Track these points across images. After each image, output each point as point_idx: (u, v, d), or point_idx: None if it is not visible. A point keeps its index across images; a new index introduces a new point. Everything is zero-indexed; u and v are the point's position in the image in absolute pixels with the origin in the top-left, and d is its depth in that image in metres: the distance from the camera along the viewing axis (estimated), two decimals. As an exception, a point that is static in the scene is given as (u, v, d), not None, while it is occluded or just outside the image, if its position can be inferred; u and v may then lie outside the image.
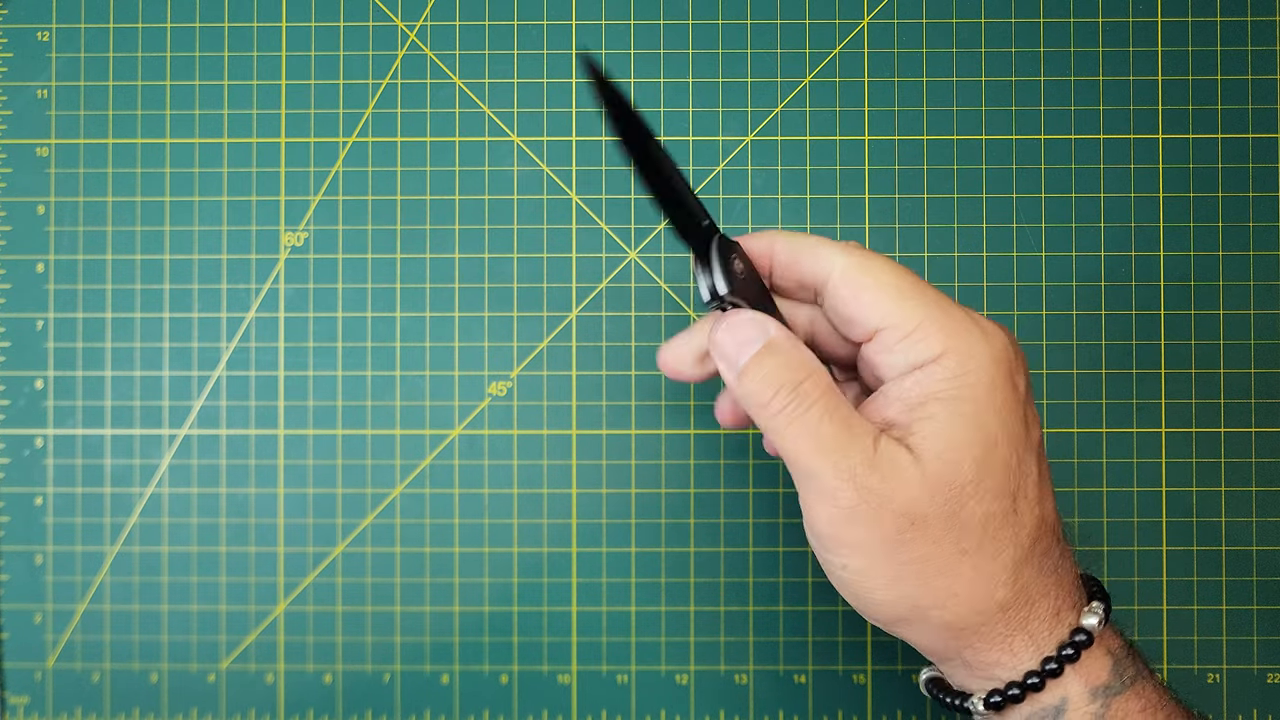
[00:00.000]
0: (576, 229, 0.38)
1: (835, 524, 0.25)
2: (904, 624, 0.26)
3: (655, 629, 0.38)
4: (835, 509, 0.25)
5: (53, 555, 0.38)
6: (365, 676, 0.38)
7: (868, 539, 0.25)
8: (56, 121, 0.39)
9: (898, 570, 0.25)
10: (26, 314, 0.39)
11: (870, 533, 0.25)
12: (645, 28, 0.39)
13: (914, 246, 0.38)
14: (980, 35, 0.38)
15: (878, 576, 0.25)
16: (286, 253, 0.39)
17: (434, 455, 0.38)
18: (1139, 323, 0.38)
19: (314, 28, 0.39)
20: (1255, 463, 0.38)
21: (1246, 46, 0.38)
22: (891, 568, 0.25)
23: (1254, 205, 0.38)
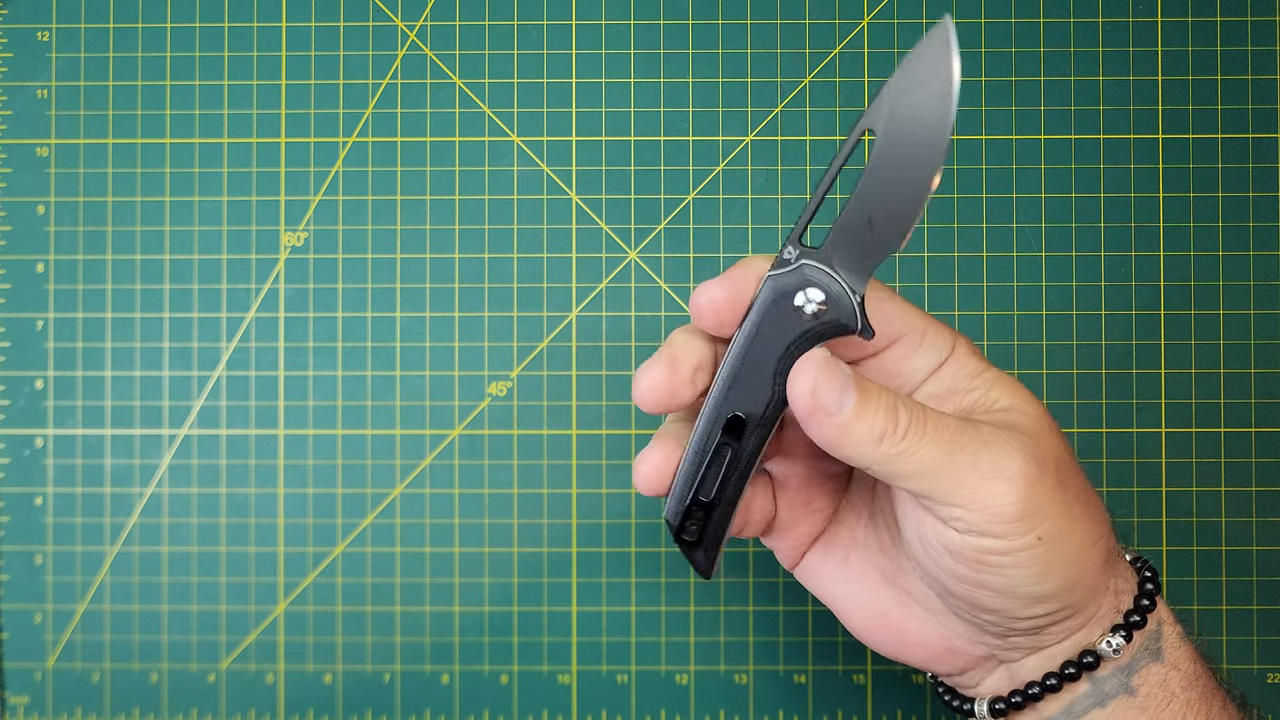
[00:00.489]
0: (576, 229, 0.38)
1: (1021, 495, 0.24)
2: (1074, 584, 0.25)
3: (655, 629, 0.38)
4: (1004, 482, 0.24)
5: (53, 555, 0.38)
6: (365, 676, 0.38)
7: (1051, 491, 0.24)
8: (56, 121, 0.39)
9: (1079, 511, 0.25)
10: (26, 314, 0.39)
11: (1049, 483, 0.24)
12: (645, 28, 0.39)
13: (914, 246, 0.38)
14: (980, 35, 0.38)
15: (1071, 527, 0.24)
16: (286, 253, 0.39)
17: (434, 455, 0.38)
18: (1139, 323, 0.38)
19: (314, 28, 0.39)
20: (1255, 462, 0.38)
21: (1246, 46, 0.38)
22: (1074, 510, 0.24)
23: (1254, 205, 0.38)
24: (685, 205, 0.38)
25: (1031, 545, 0.24)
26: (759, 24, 0.38)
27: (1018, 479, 0.24)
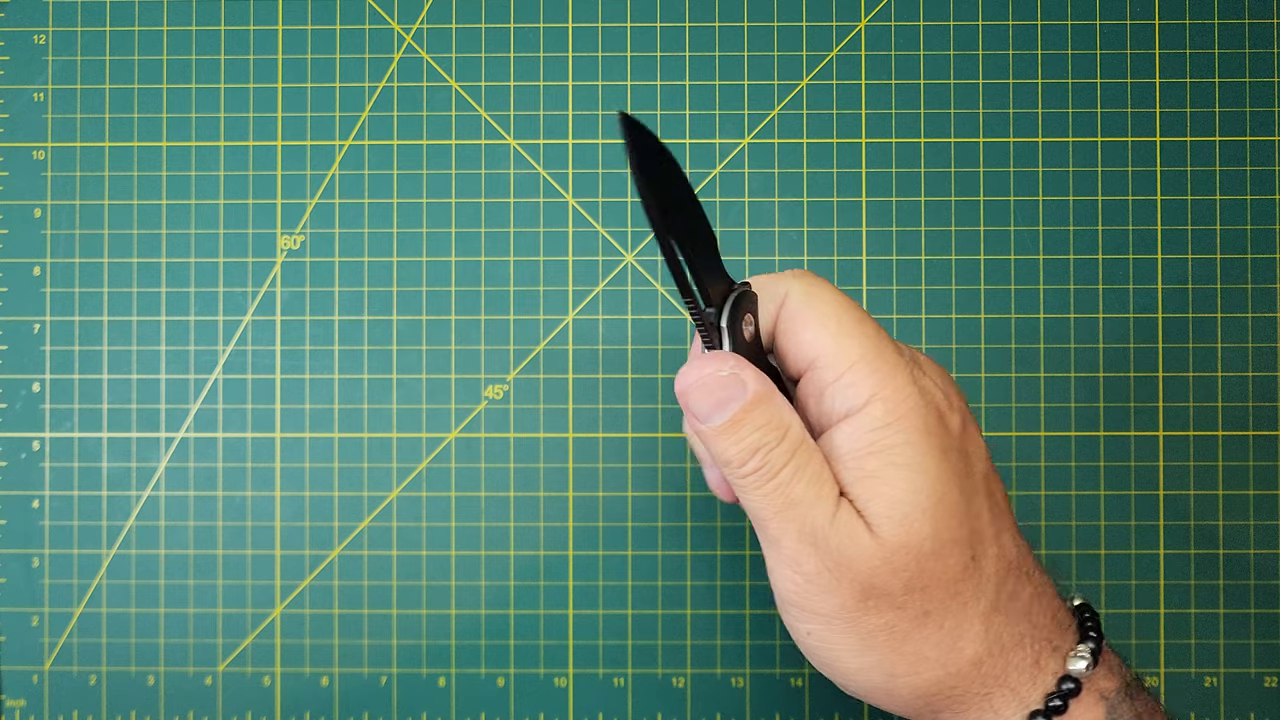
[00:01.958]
0: (573, 232, 0.38)
1: (799, 591, 0.24)
2: (879, 693, 0.25)
3: (652, 632, 0.38)
4: (798, 575, 0.24)
5: (50, 558, 0.38)
6: (362, 679, 0.38)
7: (831, 607, 0.24)
8: (53, 125, 0.39)
9: (864, 639, 0.24)
10: (23, 317, 0.39)
11: (833, 600, 0.24)
12: (642, 30, 0.38)
13: (911, 249, 0.38)
14: (977, 38, 0.38)
15: (844, 644, 0.24)
16: (283, 256, 0.39)
17: (430, 458, 0.38)
18: (1136, 326, 0.38)
19: (310, 31, 0.39)
20: (1253, 465, 0.38)
21: (1244, 49, 0.38)
22: (857, 636, 0.24)
23: (1251, 208, 0.38)
24: (682, 208, 0.38)
25: (803, 638, 0.25)
26: (755, 26, 0.38)
27: (800, 580, 0.24)
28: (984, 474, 0.25)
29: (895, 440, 0.24)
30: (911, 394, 0.24)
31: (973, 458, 0.25)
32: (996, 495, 0.25)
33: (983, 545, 0.24)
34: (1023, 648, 0.24)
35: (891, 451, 0.24)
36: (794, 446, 0.24)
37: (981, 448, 0.25)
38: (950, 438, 0.24)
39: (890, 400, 0.24)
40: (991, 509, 0.25)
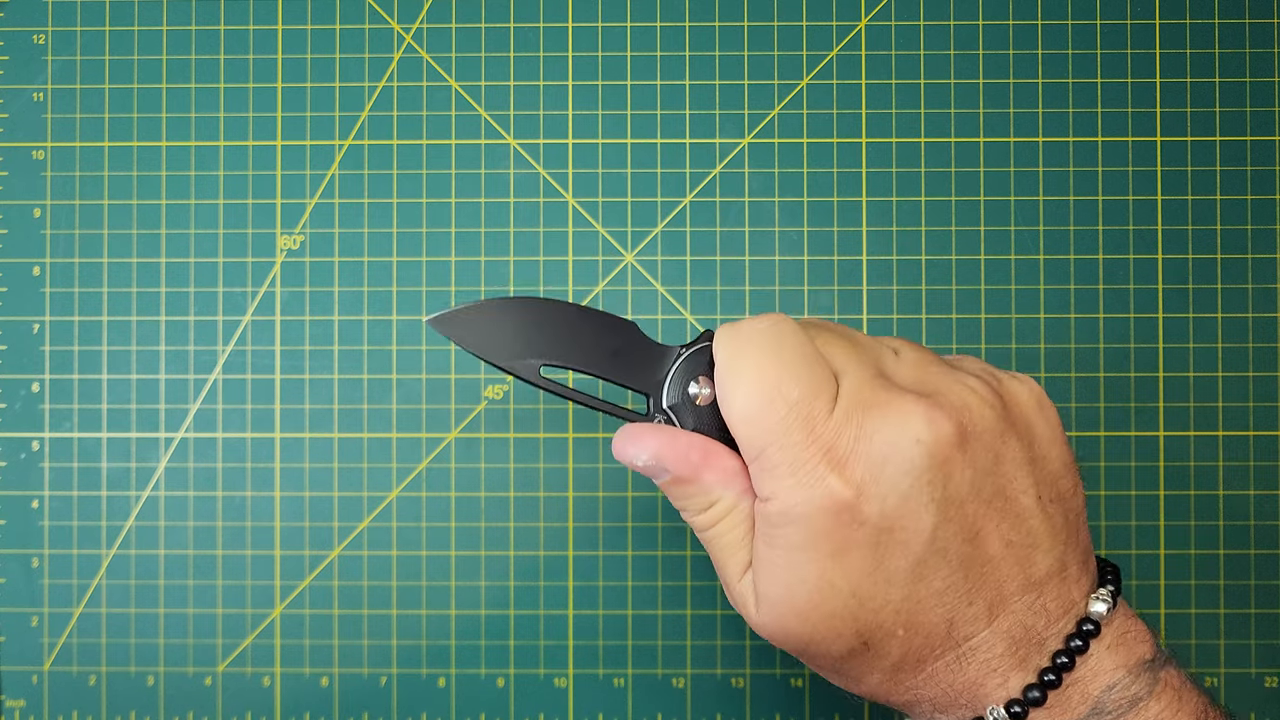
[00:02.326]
0: (573, 232, 0.38)
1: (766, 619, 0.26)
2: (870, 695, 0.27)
3: (652, 632, 0.38)
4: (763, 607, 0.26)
5: (49, 558, 0.38)
6: (362, 680, 0.38)
7: None
8: (52, 125, 0.39)
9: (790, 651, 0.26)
10: (23, 317, 0.39)
11: None
12: (641, 30, 0.38)
13: (911, 249, 0.38)
14: (978, 37, 0.38)
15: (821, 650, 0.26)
16: (283, 256, 0.39)
17: (430, 458, 0.38)
18: (1136, 326, 0.38)
19: (310, 30, 0.39)
20: (1253, 466, 0.38)
21: (1245, 49, 0.38)
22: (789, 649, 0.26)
23: (1252, 208, 0.38)
24: (682, 208, 0.38)
25: None
26: (755, 26, 0.38)
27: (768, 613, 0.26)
28: (917, 559, 0.24)
29: (784, 540, 0.24)
30: (804, 499, 0.23)
31: (902, 546, 0.24)
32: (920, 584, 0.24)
33: (880, 633, 0.24)
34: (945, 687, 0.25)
35: (778, 551, 0.24)
36: (714, 520, 0.26)
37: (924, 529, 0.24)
38: (857, 536, 0.23)
39: (782, 503, 0.24)
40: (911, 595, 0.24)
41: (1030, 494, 0.25)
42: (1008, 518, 0.24)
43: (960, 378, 0.25)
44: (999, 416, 0.25)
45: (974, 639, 0.24)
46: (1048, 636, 0.25)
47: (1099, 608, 0.25)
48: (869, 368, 0.25)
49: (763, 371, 0.24)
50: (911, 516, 0.23)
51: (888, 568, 0.24)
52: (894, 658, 0.25)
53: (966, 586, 0.24)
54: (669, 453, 0.26)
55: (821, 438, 0.24)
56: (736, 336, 0.25)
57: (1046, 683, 0.24)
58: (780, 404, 0.24)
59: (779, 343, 0.25)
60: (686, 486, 0.26)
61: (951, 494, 0.24)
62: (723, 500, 0.26)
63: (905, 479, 0.23)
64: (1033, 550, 0.25)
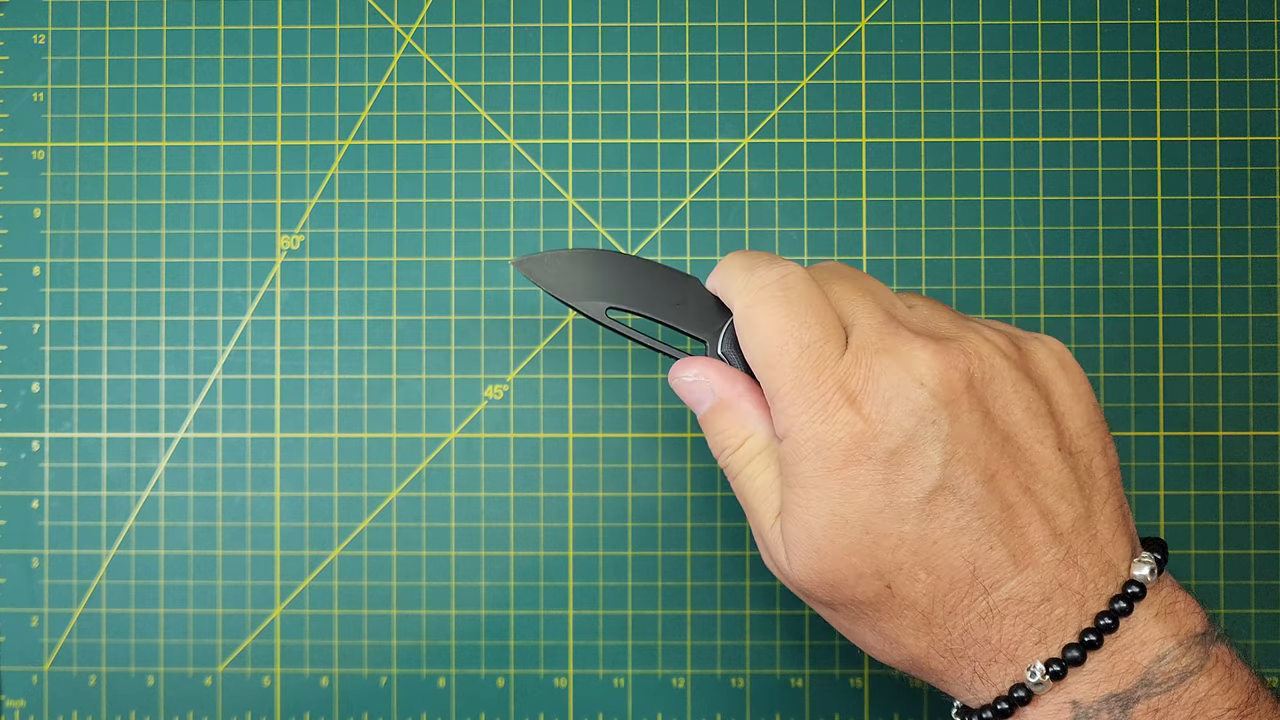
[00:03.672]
0: (573, 232, 0.38)
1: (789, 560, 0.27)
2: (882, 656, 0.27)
3: (652, 632, 0.38)
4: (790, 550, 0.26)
5: (49, 558, 0.38)
6: (361, 680, 0.38)
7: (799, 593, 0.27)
8: (52, 125, 0.39)
9: (827, 619, 0.27)
10: (23, 317, 0.39)
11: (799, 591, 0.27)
12: (641, 30, 0.38)
13: (911, 249, 0.38)
14: (978, 37, 0.38)
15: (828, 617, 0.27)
16: (283, 256, 0.39)
17: (430, 458, 0.38)
18: (1137, 326, 0.38)
19: (310, 30, 0.39)
20: (1253, 466, 0.38)
21: (1245, 49, 0.38)
22: (826, 612, 0.27)
23: (1252, 208, 0.38)
24: (682, 208, 0.38)
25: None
26: (756, 26, 0.38)
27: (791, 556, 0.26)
28: (926, 494, 0.24)
29: (799, 478, 0.25)
30: (815, 434, 0.25)
31: (910, 481, 0.24)
32: (947, 513, 0.24)
33: (901, 573, 0.24)
34: (966, 661, 0.25)
35: (796, 491, 0.25)
36: (750, 456, 0.27)
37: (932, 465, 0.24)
38: (865, 471, 0.24)
39: (795, 439, 0.25)
40: (926, 534, 0.24)
41: (1049, 443, 0.25)
42: (1023, 465, 0.24)
43: (975, 327, 0.26)
44: (1012, 365, 0.25)
45: (1002, 588, 0.24)
46: (1087, 596, 0.24)
47: (1142, 570, 0.24)
48: (880, 314, 0.26)
49: (775, 319, 0.26)
50: (917, 453, 0.24)
51: (897, 503, 0.24)
52: (922, 605, 0.25)
53: (984, 527, 0.24)
54: (716, 375, 0.28)
55: (833, 376, 0.25)
56: (750, 288, 0.26)
57: (1086, 643, 0.24)
58: (793, 347, 0.25)
59: (789, 293, 0.26)
60: (727, 413, 0.27)
61: (960, 434, 0.24)
62: (757, 434, 0.27)
63: (910, 419, 0.24)
64: (1055, 500, 0.25)
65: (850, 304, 0.26)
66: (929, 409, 0.24)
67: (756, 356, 0.26)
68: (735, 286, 0.27)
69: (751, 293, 0.26)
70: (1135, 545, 0.26)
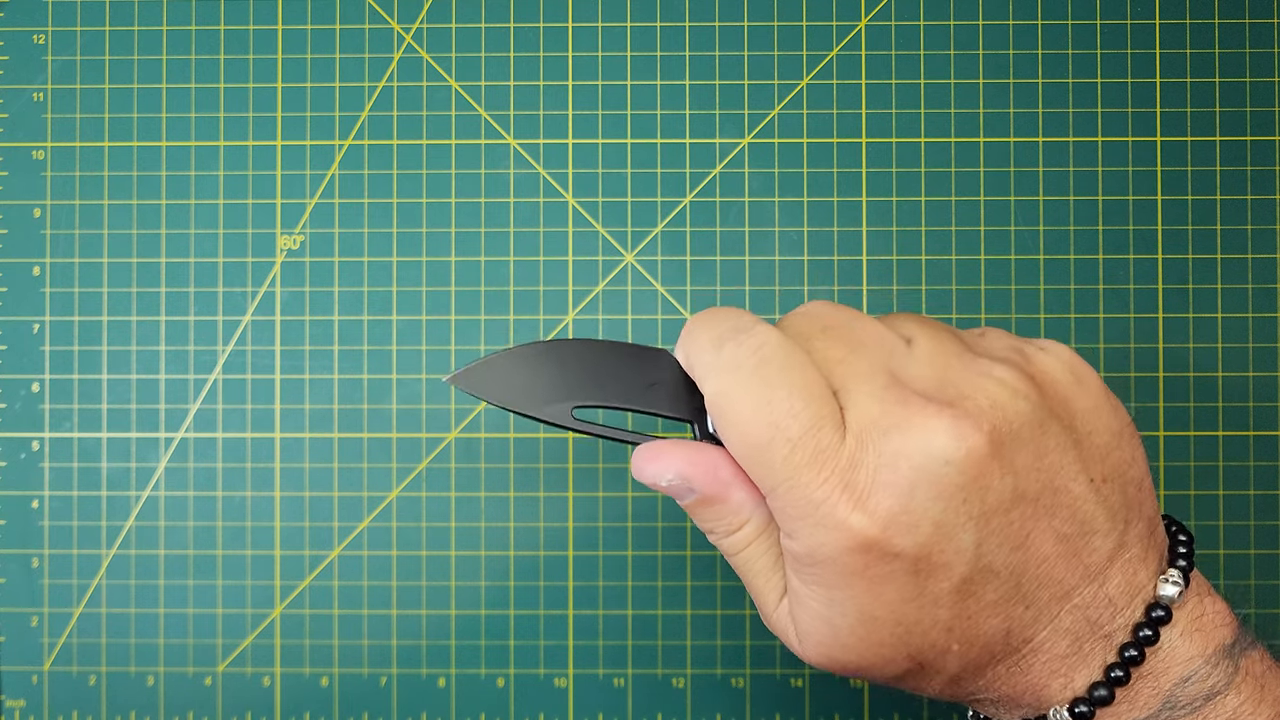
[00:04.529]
0: (573, 232, 0.38)
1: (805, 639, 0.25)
2: None
3: (652, 632, 0.38)
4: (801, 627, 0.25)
5: (49, 558, 0.38)
6: (361, 679, 0.38)
7: None
8: (52, 125, 0.39)
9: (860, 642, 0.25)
10: (23, 317, 0.39)
11: None
12: (641, 30, 0.38)
13: (911, 249, 0.38)
14: (978, 37, 0.38)
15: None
16: (283, 256, 0.39)
17: (430, 458, 0.38)
18: (1137, 326, 0.38)
19: (310, 30, 0.39)
20: (1253, 466, 0.38)
21: (1245, 49, 0.38)
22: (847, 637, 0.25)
23: (1252, 208, 0.38)
24: (682, 208, 0.38)
25: None
26: (755, 26, 0.38)
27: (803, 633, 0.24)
28: (962, 579, 0.22)
29: (815, 579, 0.22)
30: (826, 542, 0.22)
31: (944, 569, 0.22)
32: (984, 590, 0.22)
33: (934, 651, 0.23)
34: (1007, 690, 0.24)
35: (812, 589, 0.23)
36: (746, 541, 0.24)
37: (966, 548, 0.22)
38: (891, 569, 0.22)
39: (804, 544, 0.22)
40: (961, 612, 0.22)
41: (1080, 479, 0.22)
42: (1059, 512, 0.22)
43: (985, 368, 0.23)
44: (1035, 406, 0.22)
45: (1034, 640, 0.23)
46: (1114, 630, 0.23)
47: (1168, 591, 0.23)
48: (878, 377, 0.22)
49: (755, 411, 0.22)
50: (949, 540, 0.21)
51: (931, 592, 0.22)
52: (951, 671, 0.23)
53: (1020, 594, 0.22)
54: (694, 470, 0.24)
55: (836, 472, 0.21)
56: (719, 369, 0.23)
57: (1114, 679, 0.22)
58: (781, 444, 0.22)
59: (766, 373, 0.22)
60: (715, 506, 0.24)
61: (992, 505, 0.22)
62: (754, 519, 0.24)
63: (937, 504, 0.21)
64: (1090, 537, 0.23)
65: (840, 367, 0.23)
66: (958, 489, 0.21)
67: (740, 453, 0.23)
68: (702, 366, 0.23)
69: (722, 376, 0.23)
70: (1163, 554, 0.24)
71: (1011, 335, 0.25)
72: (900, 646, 0.23)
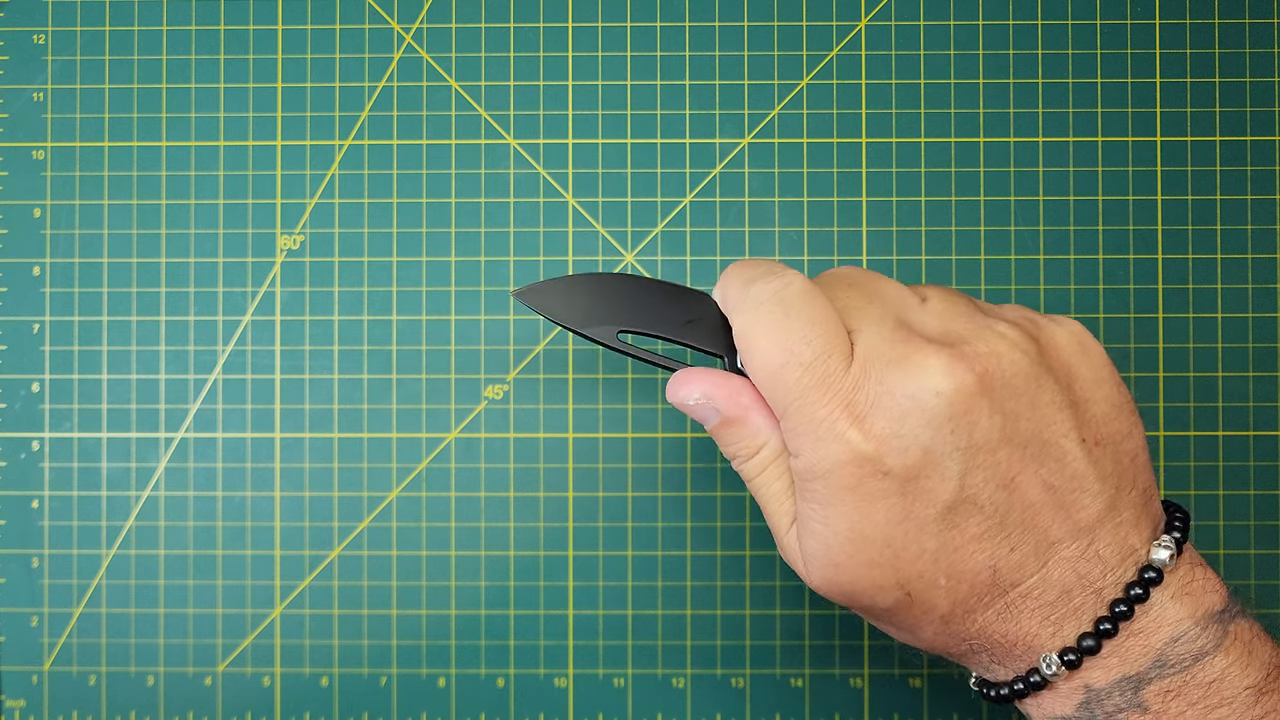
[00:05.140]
0: (573, 231, 0.38)
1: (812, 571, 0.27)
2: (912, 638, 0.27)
3: (652, 632, 0.38)
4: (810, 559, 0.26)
5: (49, 558, 0.38)
6: (361, 680, 0.38)
7: None
8: (52, 125, 0.39)
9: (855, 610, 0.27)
10: (23, 317, 0.39)
11: None
12: (641, 30, 0.38)
13: (911, 249, 0.38)
14: (978, 37, 0.38)
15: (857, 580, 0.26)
16: (283, 256, 0.39)
17: (430, 458, 0.38)
18: (1137, 326, 0.38)
19: (310, 30, 0.39)
20: (1253, 466, 0.38)
21: (1245, 49, 0.38)
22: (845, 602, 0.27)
23: (1252, 208, 0.38)
24: (682, 208, 0.38)
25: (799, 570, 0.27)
26: (755, 26, 0.38)
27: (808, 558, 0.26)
28: (946, 506, 0.24)
29: (814, 495, 0.25)
30: (826, 455, 0.24)
31: (929, 494, 0.24)
32: (968, 522, 0.24)
33: (921, 581, 0.24)
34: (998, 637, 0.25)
35: (812, 506, 0.25)
36: (762, 466, 0.27)
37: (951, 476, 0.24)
38: (881, 487, 0.24)
39: (806, 460, 0.24)
40: (947, 543, 0.24)
41: (1072, 437, 0.24)
42: (1047, 462, 0.24)
43: (990, 324, 0.25)
44: (1032, 361, 0.24)
45: (1021, 585, 0.24)
46: (1105, 585, 0.24)
47: (1161, 555, 0.24)
48: (888, 320, 0.25)
49: (773, 337, 0.25)
50: (935, 466, 0.23)
51: (917, 516, 0.24)
52: (942, 609, 0.25)
53: (1005, 533, 0.24)
54: (719, 392, 0.27)
55: (839, 395, 0.24)
56: (746, 304, 0.26)
57: (1102, 632, 0.24)
58: (794, 367, 0.24)
59: (787, 307, 0.25)
60: (736, 428, 0.26)
61: (979, 442, 0.24)
62: (769, 444, 0.26)
63: (926, 431, 0.23)
64: (1078, 494, 0.24)
65: (857, 312, 0.25)
66: (946, 419, 0.23)
67: (759, 377, 0.25)
68: (732, 302, 0.26)
69: (748, 310, 0.26)
70: (1158, 525, 0.25)
71: (1031, 310, 0.27)
72: (890, 570, 0.24)
